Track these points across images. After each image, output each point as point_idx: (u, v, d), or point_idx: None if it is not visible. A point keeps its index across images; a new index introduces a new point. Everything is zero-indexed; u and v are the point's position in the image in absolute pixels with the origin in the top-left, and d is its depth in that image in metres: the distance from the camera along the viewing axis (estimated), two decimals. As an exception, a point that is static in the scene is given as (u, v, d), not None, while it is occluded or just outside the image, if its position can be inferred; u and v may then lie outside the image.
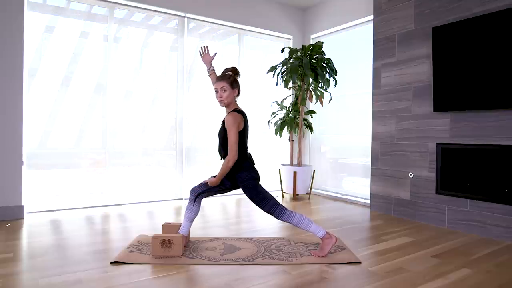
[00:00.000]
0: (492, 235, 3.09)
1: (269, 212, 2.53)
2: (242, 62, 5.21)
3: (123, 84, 4.32)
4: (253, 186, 2.54)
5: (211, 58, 2.89)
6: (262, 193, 2.53)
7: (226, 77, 2.57)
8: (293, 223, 2.53)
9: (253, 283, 2.08)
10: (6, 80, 3.48)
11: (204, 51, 2.91)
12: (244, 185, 2.55)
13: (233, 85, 2.58)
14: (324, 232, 2.52)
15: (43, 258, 2.43)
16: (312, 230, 2.52)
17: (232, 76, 2.61)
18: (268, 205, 2.51)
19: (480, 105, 3.11)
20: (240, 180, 2.56)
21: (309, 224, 2.52)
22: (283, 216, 2.52)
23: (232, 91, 2.58)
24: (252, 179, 2.55)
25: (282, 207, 2.53)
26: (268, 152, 5.49)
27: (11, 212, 3.49)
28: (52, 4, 3.89)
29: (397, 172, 3.90)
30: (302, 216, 2.54)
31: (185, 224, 2.65)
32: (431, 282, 2.13)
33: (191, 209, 2.64)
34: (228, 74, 2.61)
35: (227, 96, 2.55)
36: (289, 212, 2.53)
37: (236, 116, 2.49)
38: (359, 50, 4.79)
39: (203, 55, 2.91)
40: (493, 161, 3.09)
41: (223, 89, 2.54)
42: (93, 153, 4.18)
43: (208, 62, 2.89)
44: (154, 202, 4.42)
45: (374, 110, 4.16)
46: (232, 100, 2.60)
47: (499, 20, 2.97)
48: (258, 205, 2.54)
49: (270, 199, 2.53)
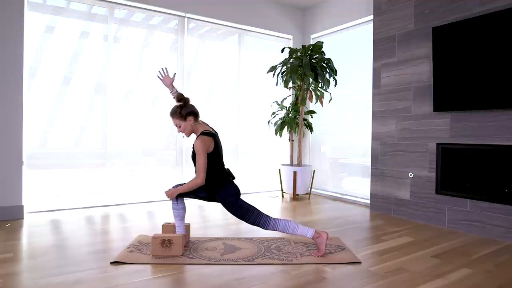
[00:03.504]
0: (492, 235, 3.09)
1: (254, 224, 2.53)
2: (242, 62, 5.21)
3: (123, 84, 4.32)
4: (233, 202, 2.54)
5: (171, 79, 2.81)
6: (244, 207, 2.53)
7: (174, 112, 2.57)
8: (279, 230, 2.53)
9: (253, 283, 2.08)
10: (6, 80, 3.48)
11: (163, 74, 2.82)
12: (224, 202, 2.55)
13: (184, 117, 2.54)
14: (312, 232, 2.52)
15: (43, 258, 2.43)
16: (299, 233, 2.52)
17: (178, 108, 2.57)
18: (252, 217, 2.51)
19: (480, 105, 3.11)
20: (220, 198, 2.56)
21: (296, 228, 2.52)
22: (268, 225, 2.52)
23: (186, 122, 2.56)
24: (231, 195, 2.55)
25: (266, 216, 2.54)
26: (268, 152, 5.50)
27: (11, 212, 3.49)
28: (52, 4, 3.89)
29: (397, 172, 3.90)
30: (287, 221, 2.54)
31: (178, 224, 2.66)
32: (431, 282, 2.13)
33: (177, 207, 2.65)
34: (174, 108, 2.58)
35: (184, 128, 2.57)
36: (274, 220, 2.53)
37: (205, 140, 2.49)
38: (359, 50, 4.79)
39: (163, 78, 2.81)
40: (493, 161, 3.09)
41: (178, 125, 2.57)
42: (93, 153, 4.18)
43: (169, 85, 2.81)
44: (154, 202, 4.42)
45: (374, 110, 4.16)
46: (192, 128, 2.60)
47: (499, 20, 2.97)
48: (242, 219, 2.54)
49: (253, 211, 2.53)
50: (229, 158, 5.14)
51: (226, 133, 5.09)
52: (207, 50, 4.97)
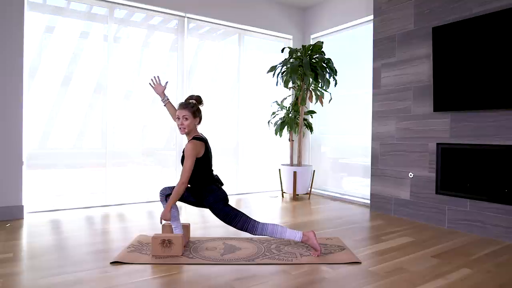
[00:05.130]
0: (492, 235, 3.09)
1: (242, 229, 2.52)
2: (242, 62, 5.21)
3: (123, 84, 4.32)
4: (221, 208, 2.54)
5: (163, 88, 2.85)
6: (232, 213, 2.53)
7: (189, 106, 2.57)
8: (267, 235, 2.53)
9: (253, 283, 2.08)
10: (6, 80, 3.48)
11: (155, 82, 2.85)
12: (212, 208, 2.56)
13: (195, 114, 2.58)
14: (300, 235, 2.52)
15: (43, 258, 2.43)
16: (288, 236, 2.52)
17: (196, 105, 2.61)
18: (240, 222, 2.51)
19: (480, 105, 3.11)
20: (208, 204, 2.57)
21: (283, 232, 2.52)
22: (256, 230, 2.51)
23: (194, 120, 2.58)
24: (218, 201, 2.55)
25: (253, 221, 2.54)
26: (268, 152, 5.50)
27: (11, 212, 3.49)
28: (52, 4, 3.89)
29: (397, 172, 3.90)
30: (274, 225, 2.54)
31: (175, 225, 2.67)
32: (431, 282, 2.13)
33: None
34: (192, 103, 2.60)
35: (188, 124, 2.56)
36: (261, 224, 2.53)
37: (196, 144, 2.50)
38: (359, 50, 4.79)
39: (155, 86, 2.85)
40: (493, 161, 3.08)
41: (185, 117, 2.55)
42: (93, 153, 4.18)
43: (161, 93, 2.85)
44: (154, 202, 4.42)
45: (374, 110, 4.16)
46: (193, 128, 2.61)
47: (499, 20, 2.97)
48: (230, 225, 2.54)
49: (240, 216, 2.53)
50: (229, 158, 5.14)
51: (226, 133, 5.09)
52: (207, 50, 4.97)
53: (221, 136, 5.01)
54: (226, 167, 5.10)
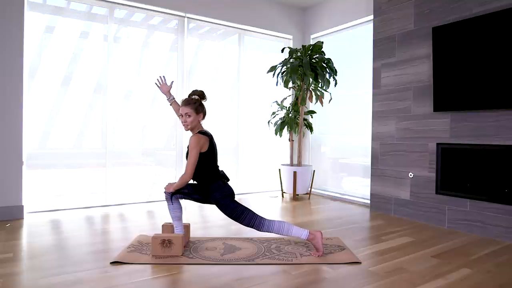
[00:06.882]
0: (492, 235, 3.09)
1: (249, 225, 2.52)
2: (242, 62, 5.21)
3: (123, 84, 4.32)
4: (228, 204, 2.53)
5: (169, 87, 2.87)
6: (238, 208, 2.52)
7: (191, 102, 2.58)
8: (274, 232, 2.52)
9: (253, 283, 2.08)
10: (6, 80, 3.48)
11: (160, 81, 2.88)
12: (219, 204, 2.55)
13: (198, 110, 2.58)
14: (307, 233, 2.51)
15: (43, 258, 2.43)
16: (294, 234, 2.52)
17: (198, 101, 2.62)
18: (246, 218, 2.51)
19: (480, 105, 3.11)
20: (214, 200, 2.56)
21: (290, 229, 2.51)
22: (263, 226, 2.51)
23: (197, 116, 2.59)
24: (225, 197, 2.55)
25: (260, 217, 2.53)
26: (268, 152, 5.50)
27: (11, 212, 3.49)
28: (52, 4, 3.89)
29: (397, 172, 3.90)
30: (281, 222, 2.53)
31: (176, 224, 2.67)
32: (431, 282, 2.13)
33: (173, 208, 2.65)
34: (194, 99, 2.61)
35: (192, 121, 2.56)
36: (268, 221, 2.53)
37: (200, 137, 2.51)
38: (359, 50, 4.79)
39: (160, 86, 2.88)
40: (493, 161, 3.08)
41: (188, 114, 2.55)
42: (93, 153, 4.18)
43: (166, 92, 2.88)
44: (154, 202, 4.42)
45: (374, 110, 4.16)
46: (197, 124, 2.62)
47: (499, 20, 2.97)
48: (236, 221, 2.53)
49: (247, 212, 2.52)
50: (229, 158, 5.14)
51: (226, 133, 5.09)
52: (207, 50, 4.97)
53: (221, 136, 5.01)
54: (226, 167, 5.09)
